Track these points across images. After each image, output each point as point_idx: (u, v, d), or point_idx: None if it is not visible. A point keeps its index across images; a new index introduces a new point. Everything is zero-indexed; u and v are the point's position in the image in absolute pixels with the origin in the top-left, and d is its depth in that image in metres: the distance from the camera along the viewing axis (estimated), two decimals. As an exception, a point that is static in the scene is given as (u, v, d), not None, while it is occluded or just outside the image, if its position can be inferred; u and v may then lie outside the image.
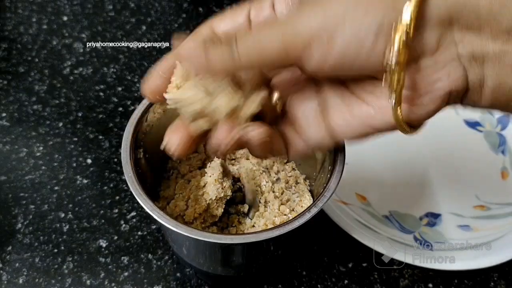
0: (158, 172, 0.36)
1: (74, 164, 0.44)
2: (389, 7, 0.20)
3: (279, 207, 0.35)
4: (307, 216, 0.27)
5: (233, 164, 0.37)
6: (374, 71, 0.22)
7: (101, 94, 0.50)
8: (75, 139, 0.46)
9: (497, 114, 0.49)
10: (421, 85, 0.22)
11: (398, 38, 0.20)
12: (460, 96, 0.22)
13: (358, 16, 0.20)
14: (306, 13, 0.22)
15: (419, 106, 0.22)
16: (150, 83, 0.26)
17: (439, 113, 0.23)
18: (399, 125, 0.22)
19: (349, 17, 0.21)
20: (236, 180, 0.36)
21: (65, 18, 0.58)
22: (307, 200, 0.34)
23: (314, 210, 0.27)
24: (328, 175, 0.30)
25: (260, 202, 0.35)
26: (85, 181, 0.42)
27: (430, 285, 0.37)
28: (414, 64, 0.21)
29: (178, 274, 0.37)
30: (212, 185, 0.32)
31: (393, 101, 0.21)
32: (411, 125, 0.23)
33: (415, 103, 0.22)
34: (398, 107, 0.22)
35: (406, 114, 0.22)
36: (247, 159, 0.37)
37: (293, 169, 0.37)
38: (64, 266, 0.37)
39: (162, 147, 0.26)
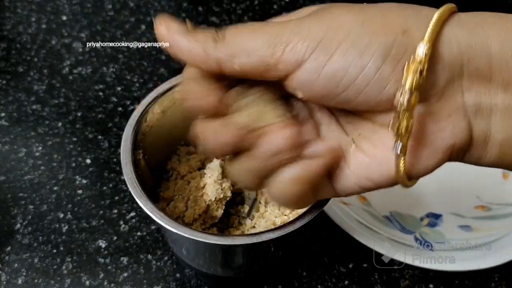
0: (158, 173, 0.35)
1: (73, 164, 0.43)
2: (399, 32, 0.18)
3: (280, 207, 0.34)
4: (309, 216, 0.27)
5: (233, 165, 0.37)
6: (372, 105, 0.19)
7: (101, 94, 0.50)
8: (74, 139, 0.46)
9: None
10: (423, 134, 0.19)
11: (411, 76, 0.18)
12: (464, 150, 0.20)
13: (364, 34, 0.18)
14: (308, 20, 0.19)
15: (419, 159, 0.20)
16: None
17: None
18: (400, 177, 0.20)
19: (354, 32, 0.18)
20: (236, 180, 0.36)
21: (64, 18, 0.58)
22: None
23: (315, 211, 0.27)
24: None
25: (260, 203, 0.35)
26: (84, 181, 0.42)
27: (431, 285, 0.37)
28: (417, 108, 0.19)
29: (177, 275, 0.37)
30: (211, 186, 0.31)
31: (398, 150, 0.19)
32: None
33: (415, 155, 0.20)
34: (402, 158, 0.19)
35: (406, 167, 0.20)
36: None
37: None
38: (63, 267, 0.37)
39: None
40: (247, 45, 0.19)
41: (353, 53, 0.18)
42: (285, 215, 0.34)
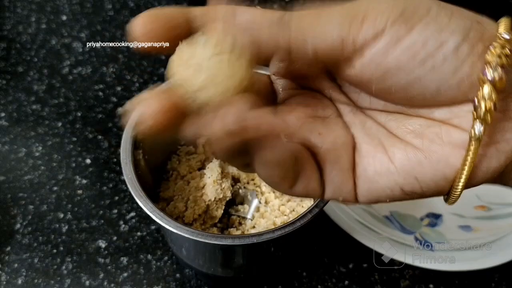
0: (158, 173, 0.35)
1: (73, 164, 0.43)
2: (474, 20, 0.18)
3: (280, 208, 0.34)
4: (309, 216, 0.27)
5: (233, 165, 0.37)
6: (442, 88, 0.18)
7: (100, 94, 0.50)
8: (74, 139, 0.45)
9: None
10: (491, 131, 0.18)
11: (498, 52, 0.17)
12: None
13: (444, 14, 0.18)
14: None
15: (483, 158, 0.18)
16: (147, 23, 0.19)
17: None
18: (461, 176, 0.18)
19: (434, 10, 0.18)
20: (236, 180, 0.36)
21: (64, 18, 0.58)
22: (308, 200, 0.34)
23: (315, 211, 0.27)
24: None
25: (260, 203, 0.35)
26: (84, 181, 0.42)
27: (431, 285, 0.37)
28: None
29: (177, 275, 0.37)
30: (210, 186, 0.31)
31: (477, 131, 0.17)
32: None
33: (480, 153, 0.18)
34: (475, 147, 0.18)
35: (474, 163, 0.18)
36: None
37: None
38: (63, 267, 0.37)
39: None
40: (320, 25, 0.18)
41: (434, 28, 0.17)
42: (285, 215, 0.34)
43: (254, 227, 0.33)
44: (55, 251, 0.38)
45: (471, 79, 0.17)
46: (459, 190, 0.19)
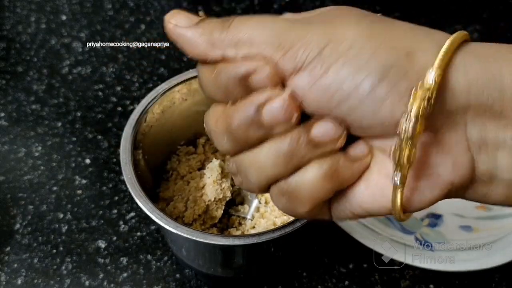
0: (157, 173, 0.35)
1: (73, 164, 0.43)
2: (402, 54, 0.17)
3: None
4: (308, 217, 0.27)
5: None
6: (366, 126, 0.18)
7: (100, 93, 0.49)
8: (74, 139, 0.45)
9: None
10: (422, 165, 0.18)
11: (418, 103, 0.17)
12: (465, 187, 0.19)
13: (366, 51, 0.17)
14: (315, 26, 0.18)
15: (415, 191, 0.19)
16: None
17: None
18: (395, 210, 0.19)
19: (356, 47, 0.17)
20: (236, 180, 0.36)
21: (63, 18, 0.58)
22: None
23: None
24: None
25: (260, 203, 0.35)
26: (83, 181, 0.42)
27: (431, 286, 0.37)
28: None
29: (177, 275, 0.37)
30: (210, 186, 0.31)
31: (397, 180, 0.18)
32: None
33: (412, 187, 0.19)
34: (400, 190, 0.18)
35: (403, 200, 0.19)
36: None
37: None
38: (63, 267, 0.37)
39: None
40: (252, 35, 0.19)
41: (350, 69, 0.17)
42: (285, 215, 0.34)
43: (254, 227, 0.33)
44: (54, 251, 0.38)
45: (393, 119, 0.17)
46: (401, 217, 0.19)
